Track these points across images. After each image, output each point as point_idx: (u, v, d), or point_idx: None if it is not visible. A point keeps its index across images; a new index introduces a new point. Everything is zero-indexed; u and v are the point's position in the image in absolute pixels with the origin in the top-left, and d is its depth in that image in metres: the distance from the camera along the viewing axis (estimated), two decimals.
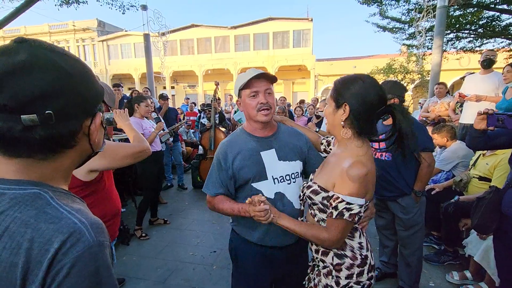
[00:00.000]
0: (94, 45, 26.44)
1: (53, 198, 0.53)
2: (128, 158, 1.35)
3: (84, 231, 0.50)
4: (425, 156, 2.02)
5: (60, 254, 0.47)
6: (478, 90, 3.70)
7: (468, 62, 16.84)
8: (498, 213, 1.63)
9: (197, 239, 3.26)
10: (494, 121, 1.64)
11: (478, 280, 2.39)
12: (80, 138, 0.58)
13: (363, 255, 1.11)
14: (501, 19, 8.51)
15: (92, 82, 0.59)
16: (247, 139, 1.35)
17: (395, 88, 2.07)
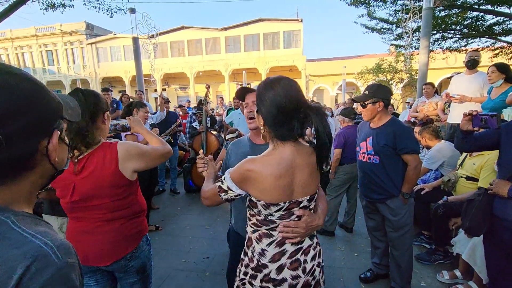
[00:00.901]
0: (82, 48, 26.04)
1: (15, 222, 0.51)
2: (160, 159, 1.46)
3: (50, 253, 0.48)
4: (411, 158, 2.05)
5: (25, 280, 0.45)
6: (464, 90, 3.78)
7: (454, 61, 17.21)
8: (489, 215, 1.66)
9: (189, 245, 3.23)
10: (478, 121, 1.68)
11: (467, 278, 2.43)
12: (39, 159, 0.56)
13: (260, 263, 1.09)
14: (485, 19, 8.73)
15: (46, 100, 0.56)
16: (245, 144, 1.48)
17: (380, 91, 2.10)
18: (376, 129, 2.16)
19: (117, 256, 1.35)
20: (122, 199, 1.34)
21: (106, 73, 25.86)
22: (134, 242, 1.41)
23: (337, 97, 23.16)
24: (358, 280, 2.55)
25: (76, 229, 1.36)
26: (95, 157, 1.28)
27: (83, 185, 1.27)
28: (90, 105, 1.31)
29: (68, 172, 1.27)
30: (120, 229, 1.35)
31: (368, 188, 2.26)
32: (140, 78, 7.41)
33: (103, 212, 1.32)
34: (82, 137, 1.26)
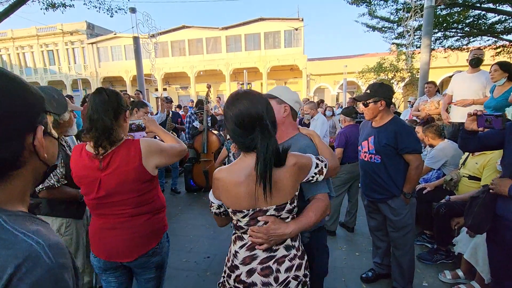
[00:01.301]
0: (83, 47, 26.06)
1: (7, 222, 0.50)
2: (177, 156, 1.52)
3: (41, 253, 0.47)
4: (413, 157, 2.02)
5: (15, 280, 0.44)
6: (466, 88, 3.76)
7: (456, 60, 17.11)
8: (492, 213, 1.65)
9: (190, 245, 3.23)
10: (483, 122, 1.66)
11: (470, 278, 2.42)
12: (27, 157, 0.55)
13: (233, 263, 1.14)
14: (487, 18, 8.68)
15: (24, 96, 0.54)
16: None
17: (381, 90, 2.08)
18: (377, 128, 2.14)
19: (141, 252, 1.40)
20: (145, 194, 1.39)
21: (107, 73, 25.87)
22: (157, 238, 1.45)
23: (338, 96, 23.11)
24: (359, 280, 2.54)
25: (100, 226, 1.40)
26: (119, 154, 1.33)
27: (109, 181, 1.31)
28: (114, 103, 1.35)
29: (93, 169, 1.33)
30: (145, 225, 1.40)
31: (369, 187, 2.24)
32: (140, 77, 7.40)
33: (128, 207, 1.36)
34: (108, 135, 1.29)
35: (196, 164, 4.82)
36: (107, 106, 1.32)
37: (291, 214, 1.14)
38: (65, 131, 1.97)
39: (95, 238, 1.43)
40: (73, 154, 1.41)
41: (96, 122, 1.30)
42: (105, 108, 1.32)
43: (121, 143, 1.36)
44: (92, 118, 1.31)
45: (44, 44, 26.49)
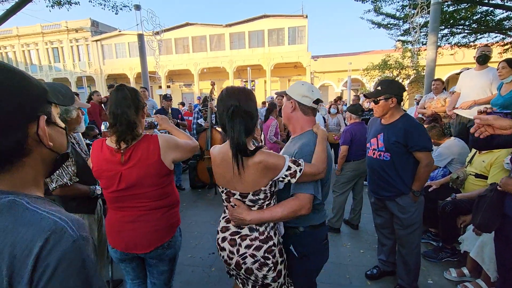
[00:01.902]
0: (88, 45, 26.20)
1: (30, 203, 0.54)
2: (191, 151, 1.58)
3: (66, 227, 0.51)
4: (423, 155, 2.00)
5: (44, 253, 0.48)
6: (473, 86, 3.72)
7: (462, 57, 16.96)
8: (500, 212, 1.63)
9: (195, 241, 3.25)
10: None
11: (475, 276, 2.41)
12: (33, 145, 0.58)
13: (217, 229, 1.44)
14: (495, 14, 8.55)
15: (25, 88, 0.57)
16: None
17: (393, 86, 2.07)
18: (387, 126, 2.12)
19: (157, 244, 1.46)
20: (163, 187, 1.46)
21: (111, 70, 25.99)
22: (171, 231, 1.53)
23: (342, 94, 23.00)
24: (364, 277, 2.54)
25: (118, 219, 1.46)
26: (139, 148, 1.38)
27: (130, 174, 1.37)
28: (135, 99, 1.40)
29: (115, 163, 1.38)
30: (162, 219, 1.47)
31: (377, 185, 2.23)
32: (145, 75, 7.42)
33: (148, 200, 1.43)
34: (131, 129, 1.35)
35: (200, 161, 4.84)
36: (130, 102, 1.38)
37: (256, 204, 1.28)
38: (73, 129, 1.99)
39: (113, 230, 1.49)
40: (94, 149, 1.46)
41: (120, 117, 1.35)
42: (127, 104, 1.37)
43: (141, 138, 1.42)
44: (116, 113, 1.35)
45: (49, 42, 26.68)
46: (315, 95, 1.42)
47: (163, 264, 1.54)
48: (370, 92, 2.17)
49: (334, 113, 6.64)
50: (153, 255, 1.49)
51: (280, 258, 1.33)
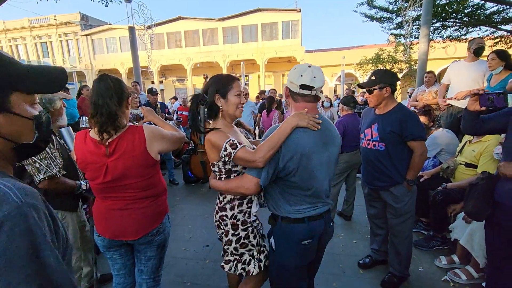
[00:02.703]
0: (77, 39, 25.68)
1: None
2: (177, 143, 1.59)
3: (9, 193, 0.52)
4: (417, 144, 2.02)
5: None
6: (466, 77, 3.74)
7: (454, 51, 17.12)
8: (491, 199, 1.65)
9: (189, 234, 3.24)
10: (485, 101, 1.66)
11: (465, 263, 2.46)
12: None
13: None
14: (486, 8, 8.63)
15: None
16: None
17: (386, 76, 2.07)
18: (381, 116, 2.13)
19: (146, 231, 1.48)
20: (149, 178, 1.46)
21: (102, 65, 25.56)
22: (160, 218, 1.54)
23: (336, 88, 23.06)
24: (356, 266, 2.58)
25: (106, 207, 1.46)
26: (124, 140, 1.37)
27: (116, 166, 1.36)
28: (118, 90, 1.39)
29: (100, 155, 1.37)
30: (149, 207, 1.48)
31: (371, 175, 2.24)
32: (137, 69, 7.31)
33: (134, 191, 1.43)
34: (112, 121, 1.33)
35: (193, 155, 4.81)
36: (112, 92, 1.35)
37: (219, 174, 1.47)
38: (54, 120, 1.94)
39: (101, 218, 1.49)
40: (77, 141, 1.43)
41: (101, 107, 1.32)
42: (109, 94, 1.35)
43: (126, 130, 1.40)
44: (97, 103, 1.33)
45: (37, 36, 26.06)
46: (300, 80, 1.32)
47: (152, 250, 1.54)
48: (365, 81, 2.15)
49: (328, 106, 6.66)
50: (142, 241, 1.50)
51: (232, 231, 1.49)
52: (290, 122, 1.28)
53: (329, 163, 1.40)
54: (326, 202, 1.46)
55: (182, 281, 2.43)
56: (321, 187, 1.40)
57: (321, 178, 1.38)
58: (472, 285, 2.27)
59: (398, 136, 2.03)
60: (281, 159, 1.29)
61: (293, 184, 1.34)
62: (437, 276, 2.42)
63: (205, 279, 2.45)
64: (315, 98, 1.38)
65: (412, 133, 2.00)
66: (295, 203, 1.38)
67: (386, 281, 2.31)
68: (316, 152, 1.32)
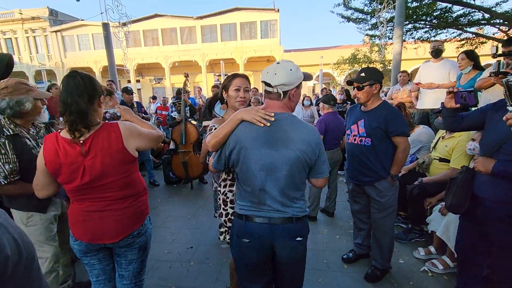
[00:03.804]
0: (46, 36, 24.28)
1: None
2: (155, 141, 1.56)
3: None
4: (401, 140, 2.10)
5: None
6: (432, 77, 3.98)
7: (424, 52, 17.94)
8: (469, 193, 1.73)
9: (172, 236, 3.17)
10: (459, 98, 1.75)
11: (441, 253, 2.58)
12: None
13: None
14: (453, 11, 9.12)
15: None
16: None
17: (375, 73, 2.15)
18: (368, 112, 2.19)
19: (126, 232, 1.43)
20: (128, 176, 1.42)
21: (74, 63, 24.35)
22: (140, 220, 1.49)
23: (314, 88, 23.45)
24: (340, 261, 2.63)
25: (85, 209, 1.39)
26: (99, 137, 1.33)
27: (94, 165, 1.31)
28: (88, 87, 1.33)
29: (74, 155, 1.30)
30: (130, 207, 1.44)
31: (357, 170, 2.30)
32: (112, 67, 7.03)
33: (114, 190, 1.38)
34: (82, 118, 1.28)
35: (174, 155, 4.71)
36: (82, 90, 1.29)
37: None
38: (32, 120, 1.84)
39: (77, 221, 1.41)
40: (47, 144, 1.34)
41: (70, 105, 1.27)
42: (79, 92, 1.29)
43: (100, 127, 1.36)
44: (66, 101, 1.28)
45: (1, 32, 24.37)
46: (263, 76, 1.34)
47: (132, 253, 1.50)
48: (356, 77, 2.18)
49: (308, 105, 6.75)
50: (122, 244, 1.45)
51: (223, 205, 1.73)
52: (236, 114, 1.34)
53: (273, 167, 1.28)
54: (276, 210, 1.32)
55: (167, 284, 2.37)
56: (264, 192, 1.31)
57: (261, 179, 1.29)
58: (448, 274, 2.39)
59: (383, 132, 2.11)
60: (226, 148, 1.35)
61: (238, 175, 1.40)
62: (416, 268, 2.52)
63: (190, 282, 2.40)
64: (278, 96, 1.32)
65: (397, 128, 2.08)
66: (240, 197, 1.41)
67: (370, 274, 2.38)
68: (254, 148, 1.29)
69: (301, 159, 1.28)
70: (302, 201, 1.39)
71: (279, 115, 1.31)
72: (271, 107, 1.34)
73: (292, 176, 1.30)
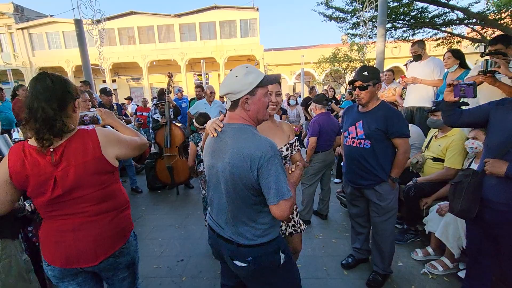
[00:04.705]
0: (11, 33, 22.70)
1: None
2: (138, 149, 1.43)
3: None
4: (402, 142, 2.03)
5: None
6: (417, 75, 4.03)
7: (399, 51, 18.61)
8: (479, 197, 1.67)
9: (160, 249, 2.95)
10: (458, 91, 1.70)
11: (439, 254, 2.56)
12: None
13: None
14: (429, 11, 9.40)
15: None
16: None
17: (377, 73, 2.07)
18: (366, 113, 2.10)
19: (106, 254, 1.27)
20: (107, 187, 1.28)
21: (43, 63, 22.97)
22: (123, 237, 1.34)
23: (295, 86, 23.59)
24: (340, 267, 2.55)
25: (58, 228, 1.24)
26: (73, 145, 1.20)
27: (67, 176, 1.17)
28: (59, 91, 1.18)
29: (44, 165, 1.16)
30: (110, 224, 1.29)
31: (356, 174, 2.20)
32: (86, 67, 6.57)
33: (90, 203, 1.23)
34: (49, 127, 1.14)
35: (159, 159, 4.45)
36: (51, 94, 1.15)
37: None
38: None
39: (49, 242, 1.25)
40: (12, 154, 1.18)
41: (36, 111, 1.13)
42: (47, 96, 1.15)
43: (74, 134, 1.23)
44: (31, 107, 1.14)
45: None
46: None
47: (122, 272, 1.37)
48: (359, 76, 2.05)
49: (293, 104, 6.68)
50: (103, 267, 1.29)
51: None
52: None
53: (217, 178, 1.23)
54: (218, 224, 1.29)
55: None
56: (212, 202, 1.34)
57: (210, 188, 1.33)
58: (448, 275, 2.36)
59: (383, 133, 2.02)
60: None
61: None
62: (416, 270, 2.48)
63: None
64: (230, 105, 1.25)
65: (398, 130, 2.00)
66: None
67: (371, 280, 2.30)
68: (205, 157, 1.35)
69: (234, 175, 1.15)
70: (253, 229, 1.21)
71: (228, 125, 1.26)
72: (227, 118, 1.31)
73: (231, 193, 1.19)
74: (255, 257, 1.22)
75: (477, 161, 2.31)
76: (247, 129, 1.21)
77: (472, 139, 2.30)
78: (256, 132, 1.22)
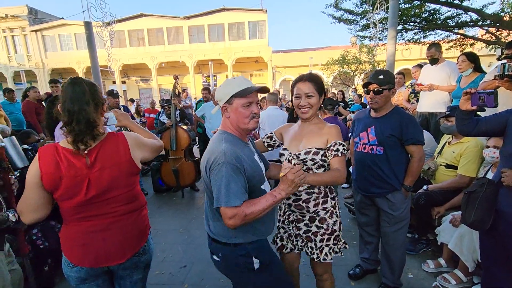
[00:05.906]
0: (25, 35, 23.28)
1: None
2: (157, 151, 1.49)
3: None
4: (416, 149, 1.94)
5: None
6: (432, 79, 3.89)
7: (409, 53, 18.28)
8: (494, 208, 1.58)
9: (163, 254, 2.91)
10: (477, 100, 1.60)
11: (451, 266, 2.45)
12: None
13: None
14: (441, 13, 9.20)
15: None
16: (242, 144, 1.36)
17: (392, 77, 1.99)
18: (379, 119, 2.01)
19: (133, 252, 1.33)
20: (133, 188, 1.34)
21: (55, 64, 23.48)
22: (145, 236, 1.41)
23: None
24: (347, 277, 2.45)
25: (83, 231, 1.26)
26: (106, 148, 1.25)
27: (101, 177, 1.22)
28: (94, 95, 1.24)
29: (80, 167, 1.19)
30: (135, 223, 1.35)
31: (367, 181, 2.10)
32: (95, 68, 6.65)
33: (119, 204, 1.29)
34: (91, 129, 1.20)
35: (164, 162, 4.43)
36: (88, 98, 1.21)
37: None
38: None
39: (75, 245, 1.27)
40: (44, 156, 1.19)
41: (78, 114, 1.17)
42: (86, 100, 1.20)
43: (105, 137, 1.28)
44: (72, 110, 1.17)
45: None
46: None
47: (138, 272, 1.41)
48: (374, 79, 1.96)
49: None
50: (128, 265, 1.35)
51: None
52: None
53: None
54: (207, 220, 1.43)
55: None
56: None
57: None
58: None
59: (397, 140, 1.93)
60: None
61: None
62: (427, 282, 2.37)
63: None
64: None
65: (413, 136, 1.91)
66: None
67: None
68: None
69: (202, 174, 1.32)
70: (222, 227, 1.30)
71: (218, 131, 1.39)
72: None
73: (207, 191, 1.33)
74: (224, 255, 1.34)
75: (493, 170, 2.20)
76: (221, 135, 1.33)
77: (493, 147, 2.18)
78: (222, 139, 1.29)
